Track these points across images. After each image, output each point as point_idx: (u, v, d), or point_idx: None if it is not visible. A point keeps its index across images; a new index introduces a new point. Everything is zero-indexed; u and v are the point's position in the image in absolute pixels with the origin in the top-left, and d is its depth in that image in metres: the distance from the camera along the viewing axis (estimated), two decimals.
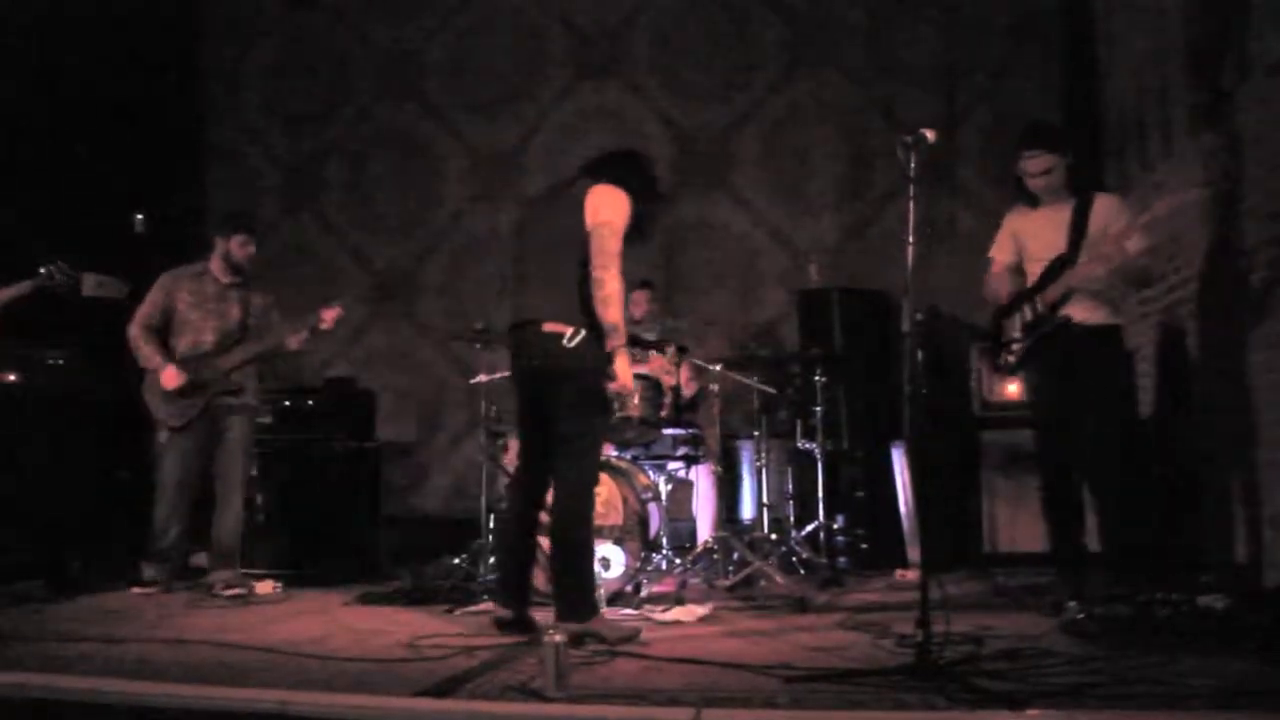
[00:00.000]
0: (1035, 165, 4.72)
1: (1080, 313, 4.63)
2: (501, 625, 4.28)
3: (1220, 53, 5.10)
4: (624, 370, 4.12)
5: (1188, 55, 5.46)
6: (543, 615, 4.55)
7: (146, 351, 5.54)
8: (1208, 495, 5.26)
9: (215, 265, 5.69)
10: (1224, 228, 5.06)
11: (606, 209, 4.17)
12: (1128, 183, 6.43)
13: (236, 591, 5.30)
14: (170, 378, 5.46)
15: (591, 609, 4.15)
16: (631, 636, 4.08)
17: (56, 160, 6.59)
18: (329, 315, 5.56)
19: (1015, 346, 4.80)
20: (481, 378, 5.80)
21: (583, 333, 4.10)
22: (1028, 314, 4.76)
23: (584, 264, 4.12)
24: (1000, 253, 4.96)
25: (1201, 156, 5.28)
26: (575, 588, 4.14)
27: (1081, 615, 4.14)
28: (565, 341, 4.09)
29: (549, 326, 4.12)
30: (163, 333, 5.61)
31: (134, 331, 5.59)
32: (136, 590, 5.40)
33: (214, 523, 5.55)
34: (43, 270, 5.16)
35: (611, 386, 4.14)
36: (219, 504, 5.56)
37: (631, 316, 6.49)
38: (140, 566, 5.52)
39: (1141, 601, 4.19)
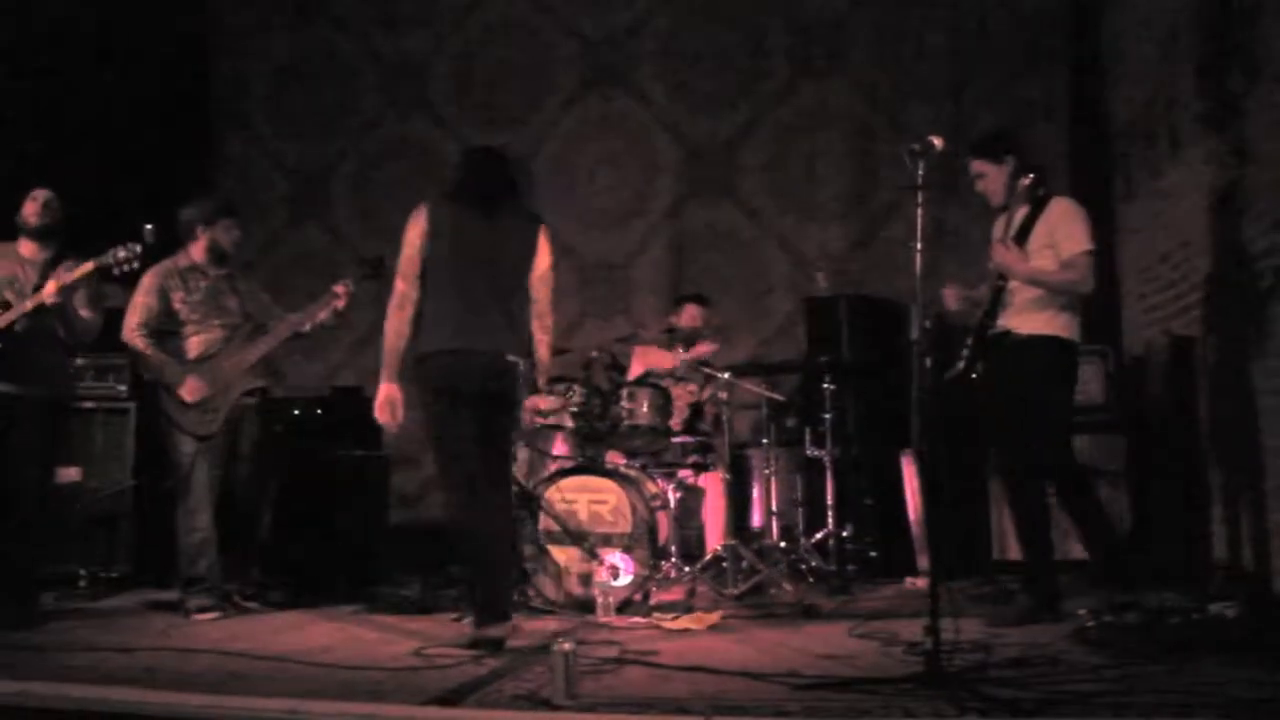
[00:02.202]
0: (974, 170, 4.74)
1: (1015, 321, 4.57)
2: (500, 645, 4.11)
3: (1228, 58, 5.10)
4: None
5: (1195, 61, 5.45)
6: (554, 624, 4.57)
7: (157, 362, 5.23)
8: (1215, 502, 5.25)
9: (200, 257, 5.38)
10: (1230, 234, 5.06)
11: (551, 253, 4.53)
12: (1135, 190, 6.43)
13: (254, 605, 5.29)
14: (191, 390, 5.15)
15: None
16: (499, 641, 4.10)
17: (67, 170, 6.60)
18: (341, 290, 5.33)
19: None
20: None
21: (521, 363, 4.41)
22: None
23: (522, 296, 4.45)
24: None
25: (1210, 163, 5.27)
26: (509, 592, 4.38)
27: (1091, 623, 4.13)
28: (520, 370, 4.36)
29: (510, 358, 4.32)
30: (162, 334, 5.29)
31: (135, 339, 5.26)
32: (199, 618, 5.01)
33: (235, 532, 5.31)
34: (111, 250, 4.84)
35: (536, 420, 4.76)
36: (243, 512, 5.35)
37: (679, 323, 6.50)
38: (185, 599, 5.12)
39: (1151, 609, 4.19)
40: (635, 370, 6.28)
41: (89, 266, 4.86)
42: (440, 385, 4.26)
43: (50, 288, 4.85)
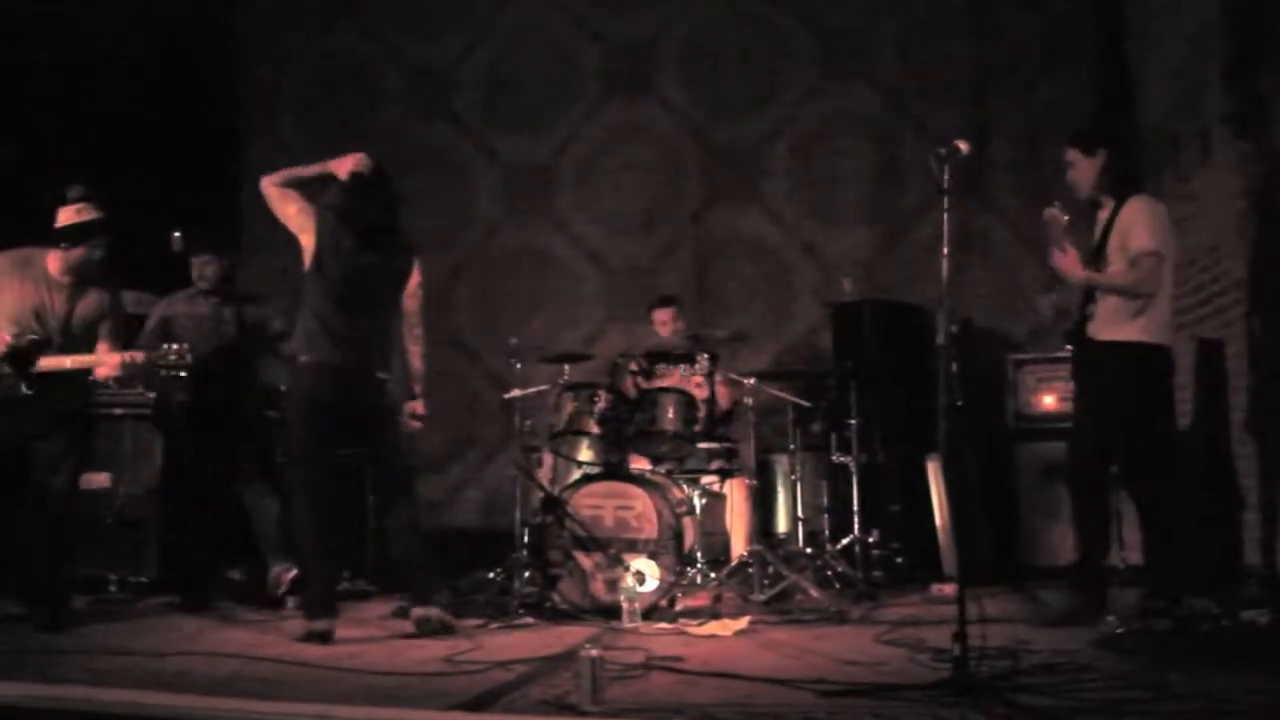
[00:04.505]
0: (1066, 159, 4.76)
1: (1098, 329, 4.59)
2: None
3: (1258, 58, 5.06)
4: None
5: (1225, 63, 5.41)
6: (580, 630, 4.58)
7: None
8: (1249, 508, 5.20)
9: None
10: (1260, 237, 5.02)
11: (420, 273, 4.90)
12: (1163, 193, 6.37)
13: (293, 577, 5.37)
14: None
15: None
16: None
17: (93, 179, 6.66)
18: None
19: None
20: (515, 392, 5.82)
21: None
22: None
23: (398, 317, 4.83)
24: None
25: (1238, 165, 5.23)
26: (438, 576, 4.85)
27: (1120, 630, 4.10)
28: (390, 386, 4.76)
29: (381, 375, 4.73)
30: None
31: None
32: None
33: (254, 529, 5.61)
34: (162, 347, 4.81)
35: (414, 424, 4.92)
36: (250, 511, 5.61)
37: (658, 334, 6.50)
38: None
39: (1181, 615, 4.15)
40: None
41: (139, 356, 4.82)
42: (315, 397, 4.61)
43: (114, 361, 4.83)
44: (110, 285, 5.10)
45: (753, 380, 5.77)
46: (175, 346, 4.86)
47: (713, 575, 5.51)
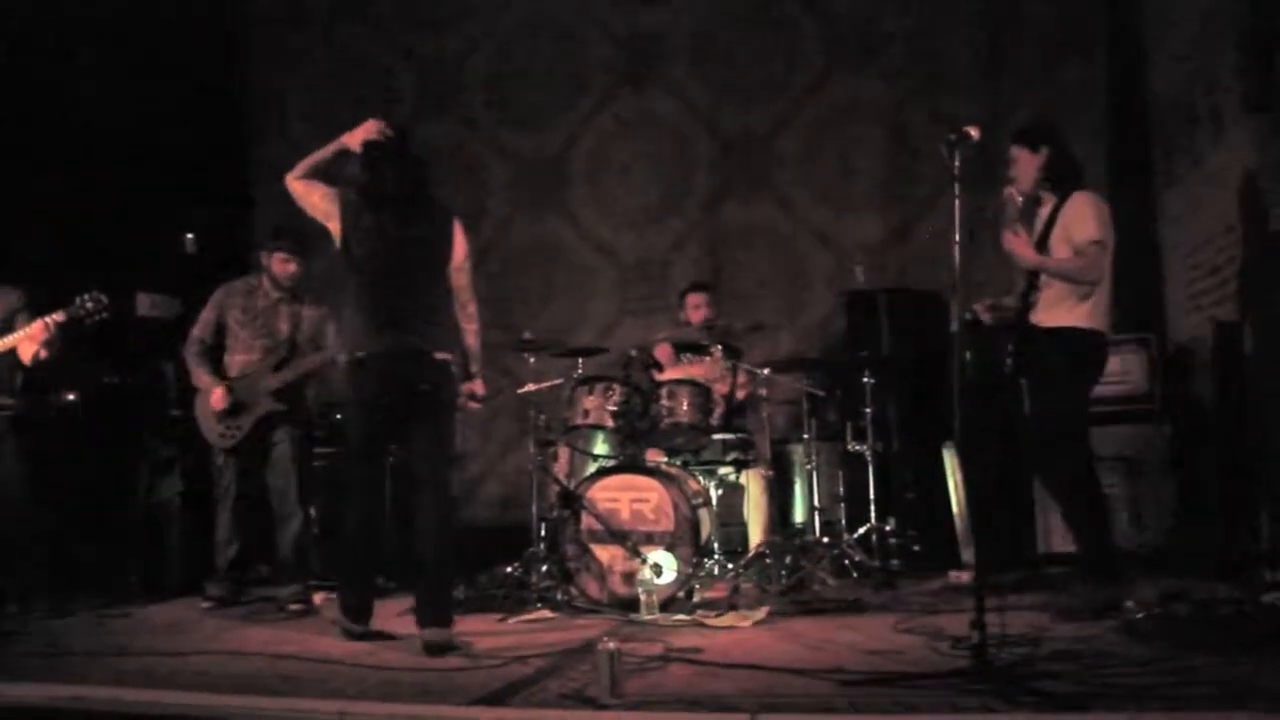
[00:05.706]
0: (1010, 154, 4.74)
1: (1040, 317, 4.58)
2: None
3: (1272, 34, 5.02)
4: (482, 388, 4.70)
5: (1239, 39, 5.37)
6: (598, 623, 4.58)
7: (197, 372, 5.60)
8: (1269, 491, 5.18)
9: (265, 280, 5.72)
10: (1276, 217, 4.98)
11: (466, 244, 4.57)
12: (1177, 174, 6.34)
13: (300, 606, 5.37)
14: (218, 398, 5.48)
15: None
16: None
17: (102, 177, 6.69)
18: None
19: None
20: (530, 387, 5.82)
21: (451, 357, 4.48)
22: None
23: (446, 292, 4.51)
24: None
25: (1253, 143, 5.19)
26: (451, 596, 4.49)
27: (1140, 615, 4.09)
28: (452, 368, 4.46)
29: (440, 355, 4.39)
30: (216, 349, 5.64)
31: (187, 351, 5.64)
32: (204, 604, 5.53)
33: (276, 539, 5.57)
34: (76, 300, 4.95)
35: (473, 405, 4.63)
36: (276, 520, 5.56)
37: (689, 321, 6.47)
38: (205, 583, 5.63)
39: (1200, 601, 4.14)
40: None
41: (59, 317, 4.94)
42: (370, 392, 4.34)
43: (36, 328, 4.94)
44: (17, 285, 5.23)
45: (767, 370, 5.76)
46: (90, 295, 4.91)
47: (730, 566, 5.52)
